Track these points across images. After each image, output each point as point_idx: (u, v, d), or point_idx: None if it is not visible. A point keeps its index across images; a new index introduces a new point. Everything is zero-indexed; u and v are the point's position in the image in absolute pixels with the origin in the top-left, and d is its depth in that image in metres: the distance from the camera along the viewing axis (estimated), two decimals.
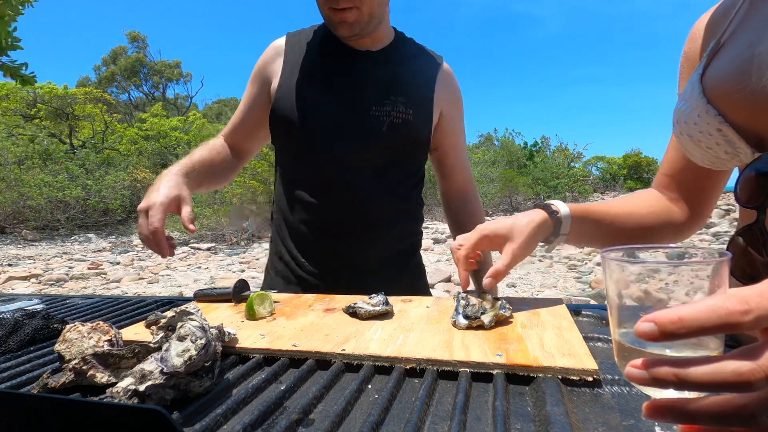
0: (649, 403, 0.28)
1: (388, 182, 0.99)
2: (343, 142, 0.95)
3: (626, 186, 17.94)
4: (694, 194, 0.72)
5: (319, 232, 0.98)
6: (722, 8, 0.63)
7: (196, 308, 0.55)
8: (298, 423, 0.41)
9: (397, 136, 0.97)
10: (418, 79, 1.02)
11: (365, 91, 0.97)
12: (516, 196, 13.87)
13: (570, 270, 5.34)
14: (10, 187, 10.64)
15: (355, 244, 0.98)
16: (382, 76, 0.99)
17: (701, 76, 0.56)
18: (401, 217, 1.03)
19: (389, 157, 0.98)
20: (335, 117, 0.96)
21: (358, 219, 0.97)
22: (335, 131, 0.96)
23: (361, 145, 0.95)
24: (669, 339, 0.26)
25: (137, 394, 0.43)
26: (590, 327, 0.64)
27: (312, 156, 0.97)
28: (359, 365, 0.52)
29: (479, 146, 20.71)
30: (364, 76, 0.99)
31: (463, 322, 0.59)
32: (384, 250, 1.01)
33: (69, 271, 6.42)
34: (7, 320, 0.70)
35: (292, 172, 1.02)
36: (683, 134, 0.58)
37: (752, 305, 0.24)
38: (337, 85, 0.98)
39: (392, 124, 0.97)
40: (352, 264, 0.99)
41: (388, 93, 0.98)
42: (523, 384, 0.46)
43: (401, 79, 1.00)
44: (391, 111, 0.97)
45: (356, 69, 0.99)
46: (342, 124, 0.96)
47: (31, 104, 14.66)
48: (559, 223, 0.68)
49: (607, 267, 0.33)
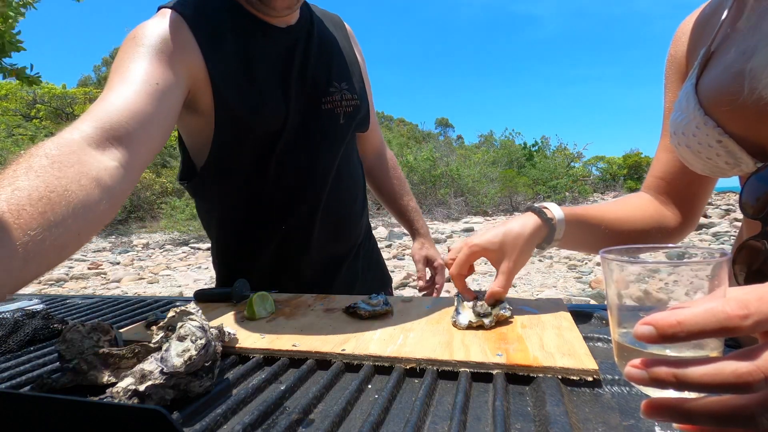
0: (647, 402, 0.28)
1: (347, 178, 0.95)
2: (305, 144, 0.87)
3: (626, 186, 17.96)
4: (686, 198, 0.71)
5: (277, 247, 0.91)
6: (708, 11, 0.62)
7: (196, 308, 0.55)
8: (298, 423, 0.41)
9: (352, 126, 0.92)
10: (345, 52, 0.94)
11: (309, 80, 0.86)
12: (516, 196, 13.88)
13: (570, 270, 5.34)
14: None
15: (322, 249, 0.94)
16: (318, 60, 0.88)
17: (695, 86, 0.56)
18: (361, 211, 1.02)
19: (345, 153, 0.93)
20: (289, 115, 0.84)
21: (328, 221, 0.93)
22: (295, 132, 0.86)
23: (324, 146, 0.88)
24: (668, 342, 0.26)
25: (137, 394, 0.43)
26: (590, 327, 0.64)
27: (273, 160, 0.85)
28: (359, 365, 0.52)
29: (479, 146, 20.72)
30: (301, 61, 0.86)
31: (463, 322, 0.59)
32: (348, 250, 1.00)
33: (69, 271, 6.42)
34: (7, 320, 0.70)
35: (243, 177, 0.87)
36: (681, 145, 0.57)
37: (752, 309, 0.25)
38: (279, 75, 0.84)
39: (347, 115, 0.90)
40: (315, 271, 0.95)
41: (329, 79, 0.89)
42: (523, 384, 0.46)
43: (334, 59, 0.91)
44: (341, 100, 0.89)
45: (291, 51, 0.85)
46: (300, 123, 0.86)
47: (31, 104, 14.66)
48: (552, 230, 0.66)
49: (607, 267, 0.33)
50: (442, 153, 15.45)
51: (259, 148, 0.85)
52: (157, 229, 11.51)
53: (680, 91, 0.59)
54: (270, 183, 0.87)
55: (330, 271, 0.98)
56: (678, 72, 0.67)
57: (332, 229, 0.95)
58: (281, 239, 0.91)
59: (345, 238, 0.99)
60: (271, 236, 0.91)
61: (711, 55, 0.57)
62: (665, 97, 0.69)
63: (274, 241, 0.92)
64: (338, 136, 0.91)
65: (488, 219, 11.35)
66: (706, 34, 0.60)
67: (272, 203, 0.89)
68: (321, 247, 0.94)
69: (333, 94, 0.89)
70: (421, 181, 13.01)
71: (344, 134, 0.92)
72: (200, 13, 0.78)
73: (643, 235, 0.70)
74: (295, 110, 0.85)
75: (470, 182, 13.33)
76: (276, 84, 0.83)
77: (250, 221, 0.91)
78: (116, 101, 0.62)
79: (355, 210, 1.00)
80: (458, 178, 13.25)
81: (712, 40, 0.57)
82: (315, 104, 0.88)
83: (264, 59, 0.83)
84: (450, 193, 12.94)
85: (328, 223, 0.93)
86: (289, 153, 0.86)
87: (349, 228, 0.99)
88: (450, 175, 13.30)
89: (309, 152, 0.87)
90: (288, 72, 0.85)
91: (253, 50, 0.82)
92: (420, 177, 12.99)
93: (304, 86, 0.86)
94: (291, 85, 0.84)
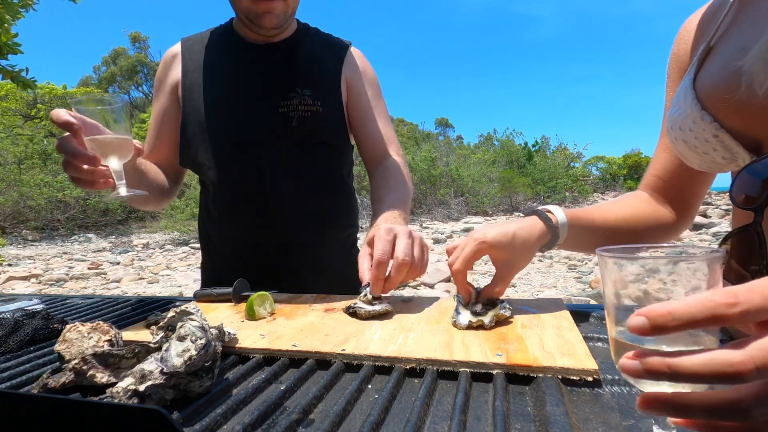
0: (642, 396, 0.28)
1: (307, 179, 0.99)
2: (257, 140, 0.95)
3: (626, 186, 17.95)
4: (683, 196, 0.71)
5: (241, 237, 0.99)
6: (711, 9, 0.62)
7: (196, 308, 0.55)
8: (298, 423, 0.41)
9: (308, 128, 0.98)
10: (323, 66, 1.02)
11: (270, 86, 0.97)
12: (516, 196, 13.88)
13: (570, 270, 5.34)
14: (10, 187, 10.64)
15: (282, 243, 0.98)
16: (286, 70, 0.98)
17: (693, 81, 0.56)
18: (329, 212, 1.04)
19: (305, 153, 0.98)
20: (246, 113, 0.96)
21: (278, 220, 0.97)
22: (247, 130, 0.96)
23: (273, 143, 0.96)
24: (660, 332, 0.26)
25: (137, 394, 0.43)
26: (590, 327, 0.64)
27: (227, 157, 0.96)
28: (359, 365, 0.52)
29: (479, 146, 20.72)
30: (267, 71, 0.98)
31: (463, 322, 0.59)
32: (314, 248, 1.01)
33: (69, 271, 6.42)
34: (7, 320, 0.70)
35: (210, 173, 0.99)
36: (678, 140, 0.57)
37: (740, 299, 0.25)
38: (242, 81, 0.97)
39: (301, 118, 0.96)
40: (275, 263, 0.99)
41: (293, 85, 0.97)
42: (523, 384, 0.46)
43: (305, 70, 0.99)
44: (299, 105, 0.96)
45: (260, 62, 0.98)
46: (253, 122, 0.96)
47: (31, 104, 14.67)
48: (556, 236, 0.66)
49: (605, 267, 0.33)
50: (442, 153, 15.45)
51: (217, 143, 0.97)
52: (157, 229, 11.51)
53: (678, 87, 0.59)
54: (228, 176, 0.98)
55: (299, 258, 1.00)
56: (680, 70, 0.67)
57: (298, 223, 0.99)
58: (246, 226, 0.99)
59: (320, 234, 1.02)
60: (237, 221, 1.00)
61: (710, 50, 0.57)
62: (666, 96, 0.69)
63: (241, 226, 1.00)
64: (289, 135, 0.97)
65: (488, 219, 11.35)
66: (708, 30, 0.60)
67: (231, 194, 0.99)
68: (286, 234, 0.99)
69: (291, 98, 0.97)
70: (421, 181, 13.01)
71: (294, 135, 0.97)
72: (199, 39, 1.03)
73: (642, 233, 0.71)
74: (249, 111, 0.96)
75: (470, 182, 13.33)
76: (235, 89, 0.97)
77: (221, 209, 1.01)
78: (147, 138, 1.05)
79: (328, 211, 1.03)
80: (458, 178, 13.25)
81: (712, 35, 0.57)
82: (273, 106, 0.97)
83: (231, 69, 0.99)
84: (450, 193, 12.94)
85: (292, 215, 0.98)
86: (240, 148, 0.96)
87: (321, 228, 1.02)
88: (450, 175, 13.30)
89: (259, 148, 0.96)
90: (249, 79, 0.98)
91: (224, 63, 0.99)
92: (420, 177, 12.99)
93: (265, 90, 0.97)
94: (249, 90, 0.97)
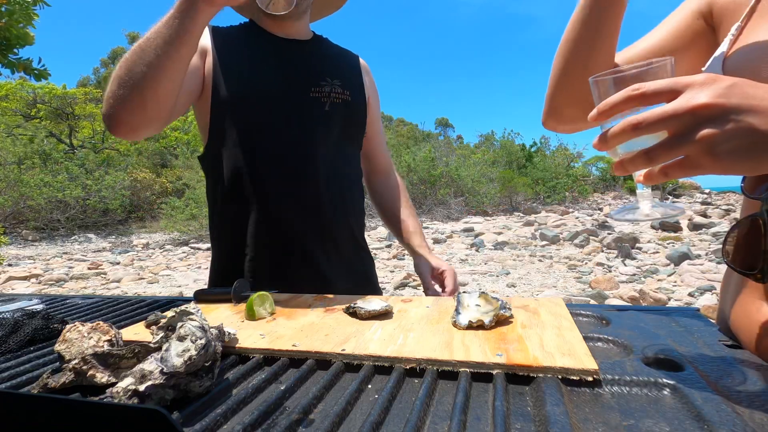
0: (616, 162, 0.39)
1: (340, 167, 1.02)
2: (290, 124, 0.96)
3: (626, 186, 17.93)
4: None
5: (271, 223, 0.97)
6: None
7: (196, 308, 0.55)
8: (298, 423, 0.41)
9: (340, 116, 1.01)
10: (347, 65, 1.09)
11: (301, 74, 1.00)
12: (516, 196, 13.87)
13: (570, 270, 5.34)
14: (10, 187, 10.64)
15: (310, 232, 0.98)
16: (314, 62, 1.03)
17: (723, 59, 0.56)
18: (353, 206, 1.06)
19: (335, 140, 1.01)
20: (278, 99, 0.97)
21: (315, 207, 0.97)
22: (281, 114, 0.96)
23: (306, 126, 0.97)
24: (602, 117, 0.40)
25: (137, 394, 0.43)
26: (590, 327, 0.64)
27: (260, 141, 0.95)
28: (359, 365, 0.52)
29: (479, 146, 20.72)
30: (297, 61, 1.01)
31: (463, 322, 0.59)
32: (337, 238, 1.02)
33: (69, 271, 6.42)
34: (7, 320, 0.70)
35: (236, 160, 0.96)
36: None
37: (642, 86, 0.38)
38: (273, 69, 0.98)
39: (333, 104, 1.01)
40: (303, 252, 0.98)
41: (323, 75, 1.01)
42: (523, 384, 0.46)
43: (332, 63, 1.05)
44: (330, 92, 1.00)
45: (288, 54, 1.01)
46: (285, 106, 0.97)
47: (31, 104, 14.67)
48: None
49: (596, 90, 0.44)
50: (442, 153, 15.44)
51: (246, 126, 0.96)
52: (157, 229, 11.51)
53: (708, 61, 0.60)
54: (255, 158, 0.96)
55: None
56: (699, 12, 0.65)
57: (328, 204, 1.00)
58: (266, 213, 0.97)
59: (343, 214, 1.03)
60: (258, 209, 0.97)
61: (741, 32, 0.58)
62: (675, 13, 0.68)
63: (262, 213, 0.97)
64: (321, 120, 0.99)
65: (488, 219, 11.34)
66: (742, 9, 0.60)
67: (258, 177, 0.96)
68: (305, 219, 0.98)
69: (323, 86, 1.00)
70: (421, 181, 13.01)
71: (328, 120, 1.00)
72: (225, 27, 1.02)
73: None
74: (281, 95, 0.96)
75: (470, 182, 13.32)
76: (266, 75, 0.97)
77: (236, 196, 0.97)
78: None
79: (354, 198, 1.06)
80: (458, 178, 13.25)
81: (745, 16, 0.58)
82: (305, 92, 0.99)
83: (260, 54, 0.99)
84: (450, 193, 12.93)
85: (326, 200, 0.99)
86: (272, 130, 0.96)
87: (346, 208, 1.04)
88: (450, 175, 13.30)
89: (291, 132, 0.96)
90: (280, 65, 0.98)
91: (253, 47, 0.99)
92: (419, 177, 12.99)
93: (296, 76, 0.99)
94: (281, 75, 0.97)
